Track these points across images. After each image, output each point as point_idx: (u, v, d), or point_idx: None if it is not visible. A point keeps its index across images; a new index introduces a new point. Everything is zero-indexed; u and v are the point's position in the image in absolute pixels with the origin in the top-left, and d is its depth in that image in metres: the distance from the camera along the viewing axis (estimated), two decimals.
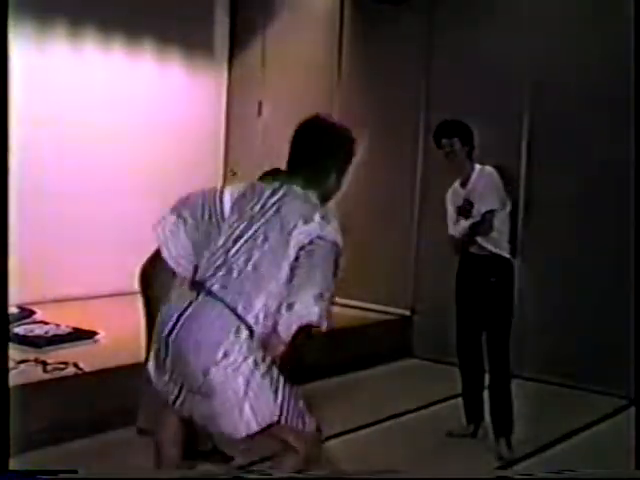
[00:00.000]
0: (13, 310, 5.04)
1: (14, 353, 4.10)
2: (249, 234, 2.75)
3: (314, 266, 2.66)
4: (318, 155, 2.91)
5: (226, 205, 2.85)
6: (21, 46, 5.70)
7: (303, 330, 2.63)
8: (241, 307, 2.65)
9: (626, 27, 4.91)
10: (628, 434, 3.90)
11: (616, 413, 4.99)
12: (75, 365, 4.35)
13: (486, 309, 4.27)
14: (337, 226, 2.77)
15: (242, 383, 2.60)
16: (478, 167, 4.32)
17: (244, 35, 7.40)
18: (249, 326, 2.64)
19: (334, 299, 2.72)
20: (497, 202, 4.24)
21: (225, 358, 2.59)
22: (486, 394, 4.34)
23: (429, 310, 6.19)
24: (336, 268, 2.72)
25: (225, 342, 2.60)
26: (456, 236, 4.34)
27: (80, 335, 4.96)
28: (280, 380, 2.67)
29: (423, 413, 4.90)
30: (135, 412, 3.95)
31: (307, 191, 2.83)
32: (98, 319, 5.43)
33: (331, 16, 6.86)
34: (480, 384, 4.39)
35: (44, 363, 4.35)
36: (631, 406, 4.99)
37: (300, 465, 2.73)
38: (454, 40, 6.10)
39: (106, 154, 6.40)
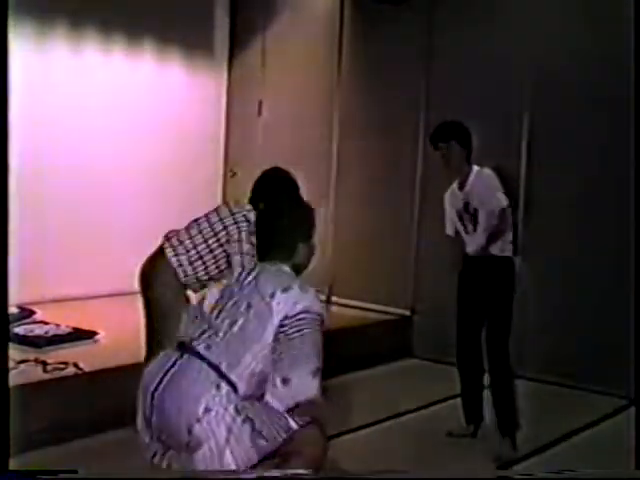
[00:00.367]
0: (13, 310, 5.04)
1: (14, 353, 4.11)
2: (231, 304, 2.88)
3: (306, 341, 2.77)
4: (284, 235, 3.02)
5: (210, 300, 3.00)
6: (21, 46, 5.70)
7: (297, 406, 2.73)
8: (225, 365, 2.73)
9: (626, 27, 4.91)
10: (628, 434, 3.90)
11: (616, 413, 4.98)
12: (75, 365, 4.36)
13: (488, 309, 4.27)
14: (315, 294, 2.89)
15: (224, 431, 2.65)
16: (476, 169, 4.28)
17: (244, 35, 7.40)
18: (232, 383, 2.70)
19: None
20: (504, 198, 4.19)
21: (207, 413, 2.65)
22: (488, 395, 4.34)
23: (429, 310, 6.18)
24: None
25: (206, 396, 2.67)
26: (470, 252, 4.28)
27: (80, 335, 4.96)
28: (262, 423, 2.69)
29: (423, 413, 4.90)
30: (135, 412, 3.95)
31: (280, 265, 2.96)
32: (98, 319, 5.44)
33: (331, 16, 6.86)
34: (479, 384, 4.40)
35: (44, 363, 4.35)
36: (631, 406, 4.99)
37: (303, 465, 2.73)
38: (454, 40, 6.10)
39: (106, 154, 6.40)
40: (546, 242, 5.61)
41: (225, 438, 2.64)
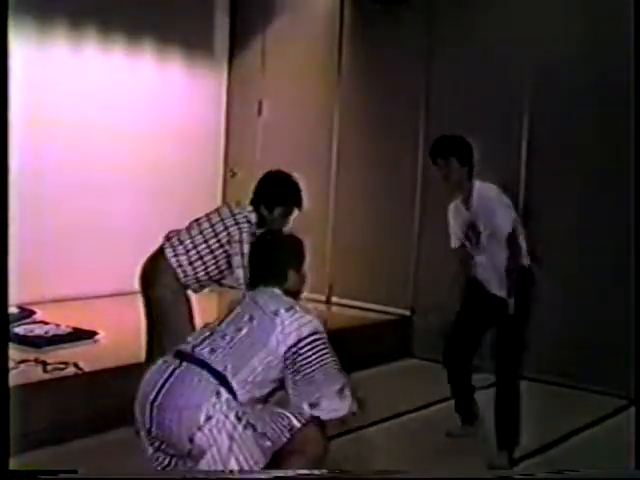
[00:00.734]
0: (13, 310, 5.04)
1: (14, 353, 4.11)
2: (233, 315, 2.94)
3: (326, 361, 2.83)
4: (275, 267, 3.08)
5: None
6: (21, 46, 5.70)
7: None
8: (230, 367, 2.74)
9: (626, 27, 4.91)
10: (628, 434, 3.90)
11: (616, 413, 4.98)
12: (75, 365, 4.35)
13: (496, 320, 4.00)
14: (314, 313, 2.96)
15: (227, 439, 2.65)
16: (477, 185, 4.00)
17: (244, 35, 7.39)
18: (232, 390, 2.71)
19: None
20: (510, 219, 3.91)
21: (208, 421, 2.66)
22: (489, 397, 4.32)
23: (429, 310, 6.18)
24: None
25: (206, 404, 2.67)
26: (479, 262, 4.10)
27: (80, 335, 4.96)
28: (265, 424, 2.71)
29: (423, 413, 4.90)
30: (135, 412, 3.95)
31: (273, 289, 3.01)
32: (98, 319, 5.44)
33: (331, 16, 6.85)
34: (468, 385, 4.34)
35: (44, 363, 4.35)
36: (631, 406, 4.99)
37: (304, 463, 2.74)
38: (454, 40, 6.10)
39: (106, 154, 6.39)
40: (546, 242, 5.60)
41: (228, 446, 2.64)
